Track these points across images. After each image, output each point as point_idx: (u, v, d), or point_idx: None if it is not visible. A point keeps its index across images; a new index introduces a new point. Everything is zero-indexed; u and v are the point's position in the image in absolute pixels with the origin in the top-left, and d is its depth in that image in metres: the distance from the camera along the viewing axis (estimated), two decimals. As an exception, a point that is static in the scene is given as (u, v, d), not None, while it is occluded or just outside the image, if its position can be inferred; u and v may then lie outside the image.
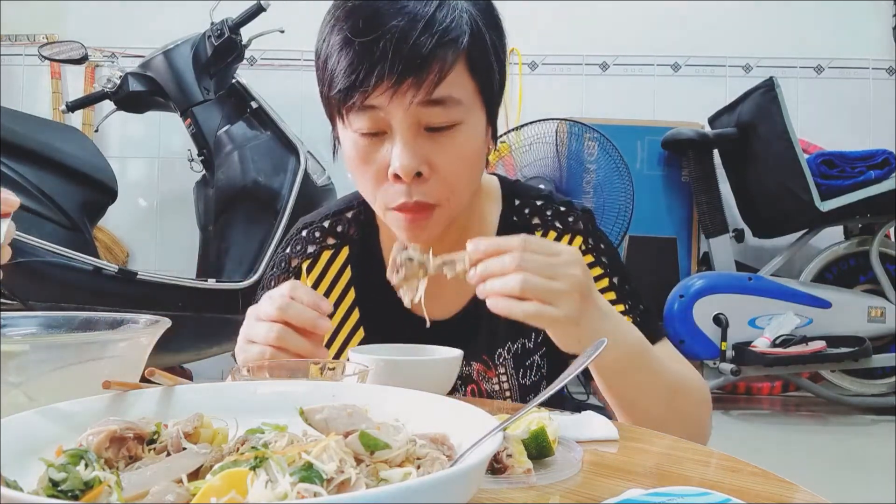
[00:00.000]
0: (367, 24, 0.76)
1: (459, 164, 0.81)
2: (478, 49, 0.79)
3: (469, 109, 0.80)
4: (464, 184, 0.84)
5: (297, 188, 2.68)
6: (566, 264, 0.69)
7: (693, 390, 0.84)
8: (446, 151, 0.79)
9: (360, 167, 0.82)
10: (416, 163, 0.78)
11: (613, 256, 0.96)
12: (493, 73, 0.82)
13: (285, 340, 0.72)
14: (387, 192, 0.82)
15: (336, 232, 1.00)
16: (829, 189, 2.90)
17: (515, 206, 0.98)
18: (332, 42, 0.79)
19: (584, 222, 0.96)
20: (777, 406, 3.26)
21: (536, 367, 0.97)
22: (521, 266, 0.66)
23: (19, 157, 2.34)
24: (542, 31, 3.58)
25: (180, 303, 2.48)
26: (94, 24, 3.56)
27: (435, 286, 0.94)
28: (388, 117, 0.77)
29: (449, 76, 0.76)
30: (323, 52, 0.81)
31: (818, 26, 3.54)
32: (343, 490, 0.37)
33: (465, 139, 0.80)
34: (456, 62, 0.77)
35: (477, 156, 0.84)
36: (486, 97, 0.82)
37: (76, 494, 0.37)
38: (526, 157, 3.10)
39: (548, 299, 0.67)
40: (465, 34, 0.77)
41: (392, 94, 0.75)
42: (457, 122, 0.79)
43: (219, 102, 2.75)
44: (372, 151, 0.80)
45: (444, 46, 0.76)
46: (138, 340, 0.61)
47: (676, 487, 0.45)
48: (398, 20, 0.75)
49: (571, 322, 0.68)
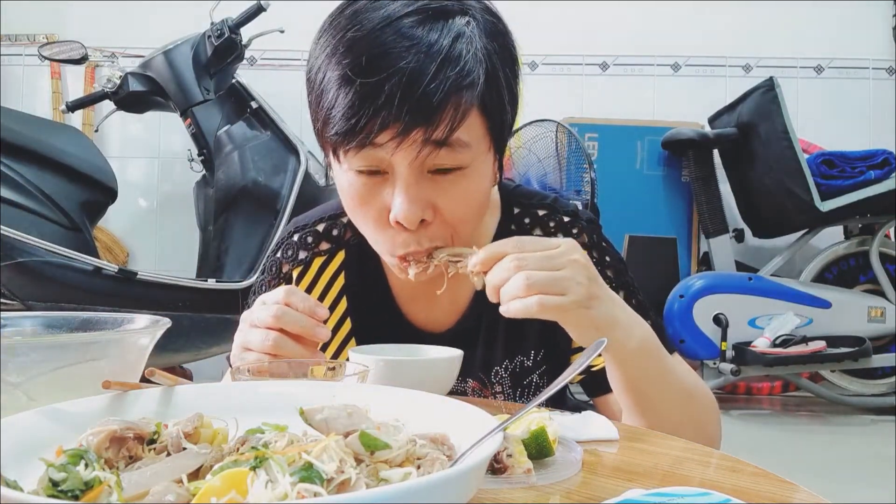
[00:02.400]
0: (371, 63, 0.68)
1: (465, 207, 0.76)
2: (492, 89, 0.72)
3: (477, 152, 0.74)
4: (469, 225, 0.78)
5: (297, 188, 2.68)
6: (565, 253, 0.67)
7: (704, 398, 0.82)
8: (451, 196, 0.74)
9: (359, 208, 0.76)
10: (420, 210, 0.72)
11: (620, 270, 0.91)
12: (507, 113, 0.76)
13: (281, 348, 0.70)
14: (391, 239, 0.76)
15: (331, 236, 0.95)
16: (829, 189, 2.90)
17: (515, 214, 0.93)
18: (329, 76, 0.71)
19: (589, 234, 0.91)
20: (777, 406, 3.26)
21: (535, 387, 0.93)
22: (520, 266, 0.65)
23: (19, 157, 2.34)
24: (542, 31, 3.58)
25: (180, 303, 2.48)
26: (94, 24, 3.56)
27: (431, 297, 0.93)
28: (390, 157, 0.71)
29: (463, 123, 0.70)
30: (317, 82, 0.73)
31: (818, 26, 3.54)
32: (343, 490, 0.37)
33: (472, 181, 0.75)
34: (471, 108, 0.70)
35: (484, 196, 0.79)
36: (496, 135, 0.76)
37: (76, 494, 0.37)
38: (526, 158, 3.10)
39: (555, 289, 0.65)
40: (480, 76, 0.70)
41: (398, 142, 0.69)
42: (464, 165, 0.73)
43: (219, 102, 2.75)
44: (371, 192, 0.74)
45: (458, 91, 0.69)
46: (138, 340, 0.61)
47: (677, 488, 0.45)
48: (407, 60, 0.67)
49: (582, 306, 0.67)
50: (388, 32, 0.69)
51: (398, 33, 0.69)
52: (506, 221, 0.93)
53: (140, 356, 0.62)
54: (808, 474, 2.10)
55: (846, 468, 2.32)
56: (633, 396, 0.76)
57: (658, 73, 3.60)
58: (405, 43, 0.68)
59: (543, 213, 0.93)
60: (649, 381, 0.75)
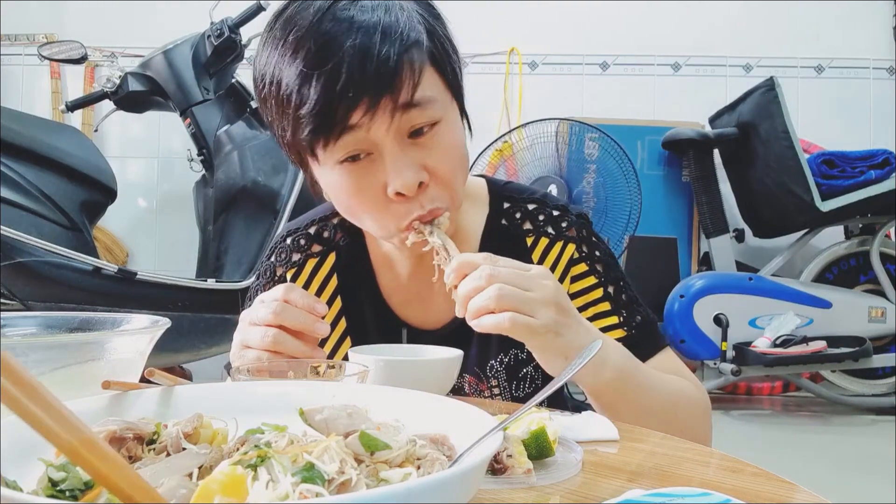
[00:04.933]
0: (321, 52, 0.70)
1: (451, 161, 0.78)
2: (436, 44, 0.77)
3: (444, 105, 0.78)
4: (460, 179, 0.81)
5: (297, 188, 2.68)
6: (538, 276, 0.68)
7: (692, 404, 0.82)
8: (436, 152, 0.77)
9: (355, 199, 0.78)
10: (415, 173, 0.74)
11: (610, 265, 0.92)
12: (454, 63, 0.80)
13: (281, 344, 0.70)
14: (394, 214, 0.77)
15: (322, 238, 0.97)
16: (829, 189, 2.90)
17: (504, 209, 0.94)
18: (286, 82, 0.73)
19: (578, 228, 0.92)
20: (777, 406, 3.26)
21: (530, 379, 0.94)
22: (494, 277, 0.66)
23: (19, 157, 2.34)
24: (542, 31, 3.58)
25: (180, 303, 2.48)
26: (93, 24, 3.56)
27: (423, 296, 0.93)
28: (371, 136, 0.73)
29: (423, 79, 0.74)
30: (275, 93, 0.74)
31: (818, 26, 3.54)
32: (343, 491, 0.37)
33: (448, 133, 0.78)
34: (425, 63, 0.74)
35: (463, 147, 0.81)
36: (454, 89, 0.80)
37: (75, 494, 0.37)
38: (527, 157, 3.10)
39: (525, 309, 0.66)
40: (422, 33, 0.75)
41: (372, 114, 0.71)
42: (436, 119, 0.76)
43: (218, 102, 2.75)
44: (361, 178, 0.76)
45: (409, 50, 0.73)
46: (138, 340, 0.61)
47: (677, 488, 0.44)
48: (353, 38, 0.70)
49: (551, 331, 0.67)
50: (326, 21, 0.72)
51: (335, 19, 0.72)
52: (495, 216, 0.94)
53: (140, 356, 0.61)
54: (808, 474, 2.10)
55: (846, 468, 2.32)
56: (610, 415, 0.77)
57: (658, 73, 3.60)
58: (345, 25, 0.71)
59: (533, 207, 0.94)
60: (626, 402, 0.76)
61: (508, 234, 0.93)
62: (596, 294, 0.90)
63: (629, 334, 0.88)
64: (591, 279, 0.91)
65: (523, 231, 0.93)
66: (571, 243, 0.92)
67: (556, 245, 0.92)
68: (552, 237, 0.92)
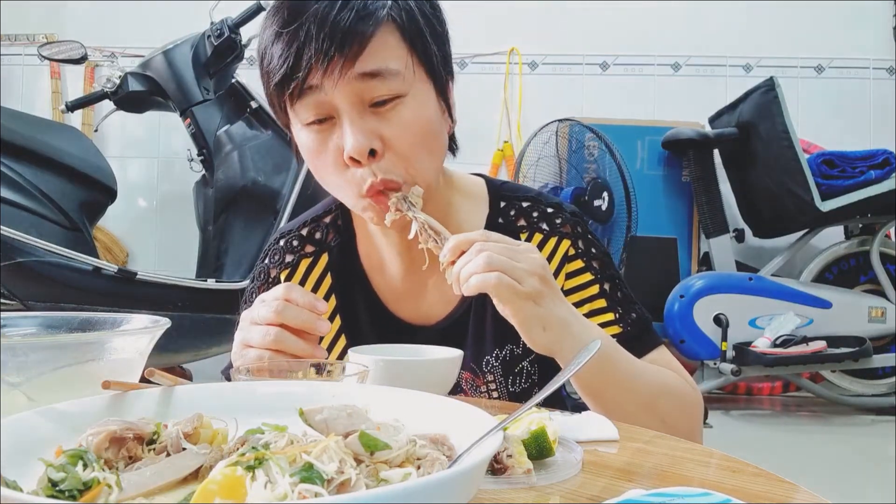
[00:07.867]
0: (291, 14, 0.77)
1: (411, 136, 0.79)
2: (407, 19, 0.79)
3: (410, 81, 0.79)
4: (423, 158, 0.82)
5: (297, 188, 2.68)
6: (526, 250, 0.73)
7: (676, 395, 0.83)
8: (394, 125, 0.78)
9: (317, 159, 0.82)
10: (366, 139, 0.77)
11: (605, 261, 0.93)
12: (428, 42, 0.81)
13: (283, 343, 0.71)
14: (351, 181, 0.80)
15: (314, 239, 0.98)
16: (829, 189, 2.90)
17: (501, 208, 0.95)
18: (265, 43, 0.80)
19: (573, 225, 0.93)
20: (777, 406, 3.26)
21: (527, 374, 0.94)
22: (484, 248, 0.70)
23: (19, 157, 2.34)
24: (542, 31, 3.58)
25: (180, 303, 2.48)
26: (93, 24, 3.56)
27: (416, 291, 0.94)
28: (331, 99, 0.77)
29: (379, 47, 0.76)
30: (259, 55, 0.82)
31: (818, 26, 3.54)
32: (343, 491, 0.37)
33: (412, 111, 0.79)
34: (376, 32, 0.76)
35: (430, 128, 0.82)
36: (429, 68, 0.82)
37: (75, 494, 0.37)
38: (526, 157, 3.10)
39: (512, 275, 0.69)
40: (385, 6, 0.78)
41: (324, 72, 0.75)
42: (399, 93, 0.78)
43: (218, 102, 2.75)
44: (323, 140, 0.80)
45: (363, 19, 0.76)
46: (138, 340, 0.61)
47: (677, 488, 0.44)
48: (319, 4, 0.76)
49: (531, 299, 0.70)
50: None
51: None
52: (493, 215, 0.96)
53: (140, 356, 0.61)
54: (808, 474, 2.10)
55: (846, 468, 2.32)
56: (590, 399, 0.80)
57: (658, 73, 3.60)
58: None
59: (527, 205, 0.95)
60: (606, 385, 0.78)
61: (504, 231, 0.93)
62: (592, 290, 0.91)
63: (624, 331, 0.89)
64: (586, 276, 0.92)
65: (517, 228, 0.94)
66: (566, 239, 0.93)
67: (551, 241, 0.93)
68: (546, 233, 0.93)
